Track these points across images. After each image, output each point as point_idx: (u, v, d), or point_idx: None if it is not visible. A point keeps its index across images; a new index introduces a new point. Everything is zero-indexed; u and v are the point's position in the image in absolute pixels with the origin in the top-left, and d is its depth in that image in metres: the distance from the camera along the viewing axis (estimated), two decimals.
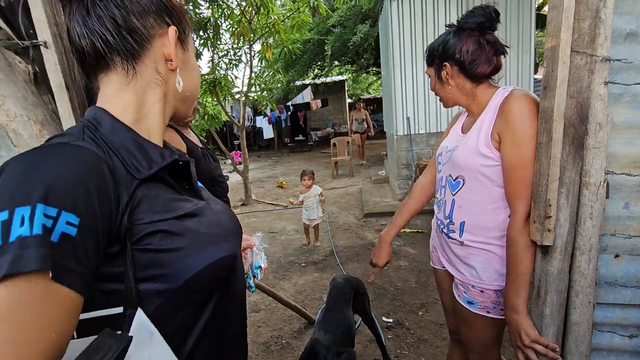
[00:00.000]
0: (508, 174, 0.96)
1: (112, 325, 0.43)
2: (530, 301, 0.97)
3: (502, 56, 1.06)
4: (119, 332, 0.40)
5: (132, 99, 0.54)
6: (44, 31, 0.72)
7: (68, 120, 0.76)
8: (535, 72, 4.72)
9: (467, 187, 1.06)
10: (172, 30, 0.55)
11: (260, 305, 2.68)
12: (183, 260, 0.49)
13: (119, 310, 0.45)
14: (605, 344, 0.96)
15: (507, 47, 1.07)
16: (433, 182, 1.33)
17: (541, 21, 6.63)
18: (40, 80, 0.80)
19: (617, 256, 0.94)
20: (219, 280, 0.55)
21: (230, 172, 8.36)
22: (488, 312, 1.07)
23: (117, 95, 0.53)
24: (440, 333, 2.15)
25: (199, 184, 0.66)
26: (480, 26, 1.02)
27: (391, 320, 2.35)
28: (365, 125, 8.63)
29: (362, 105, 8.91)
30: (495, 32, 1.09)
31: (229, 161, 7.58)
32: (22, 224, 0.36)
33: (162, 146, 0.58)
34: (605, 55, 0.85)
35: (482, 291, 1.07)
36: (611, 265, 0.94)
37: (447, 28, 1.10)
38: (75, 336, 0.41)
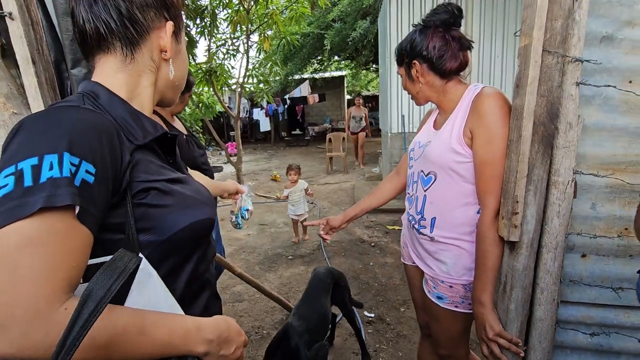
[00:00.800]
0: (480, 170, 0.97)
1: None
2: (496, 296, 0.99)
3: (468, 51, 1.07)
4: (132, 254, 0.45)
5: (127, 80, 0.59)
6: (9, 1, 0.71)
7: (34, 94, 0.75)
8: None
9: (439, 183, 1.06)
10: (170, 25, 0.61)
11: (243, 296, 2.69)
12: (170, 216, 0.55)
13: None
14: (569, 342, 0.98)
15: (472, 42, 1.08)
16: (396, 188, 1.39)
17: None
18: (7, 54, 0.78)
19: (584, 256, 0.95)
20: (200, 237, 0.62)
21: (225, 163, 8.33)
22: (456, 307, 1.09)
23: (113, 75, 0.58)
24: (419, 330, 2.17)
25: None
26: (444, 23, 1.03)
27: (373, 315, 2.37)
28: (363, 124, 7.76)
29: (361, 101, 7.94)
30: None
31: (224, 152, 7.55)
32: (51, 168, 0.42)
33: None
34: (576, 56, 0.85)
35: (451, 286, 1.08)
36: (577, 265, 0.95)
37: (414, 27, 1.11)
38: (82, 281, 0.46)
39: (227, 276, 2.73)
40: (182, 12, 0.66)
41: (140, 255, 0.50)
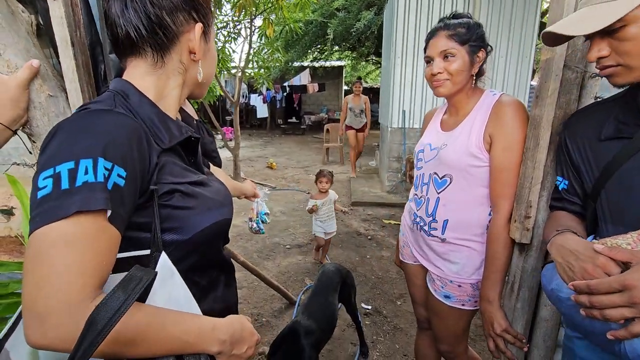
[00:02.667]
0: (496, 175, 1.00)
1: (141, 264, 0.52)
2: (503, 295, 1.04)
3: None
4: (147, 268, 0.49)
5: (156, 83, 0.60)
6: None
7: (71, 77, 0.75)
8: (532, 78, 4.78)
9: (454, 186, 1.08)
10: (199, 27, 0.61)
11: (242, 283, 2.72)
12: (194, 217, 0.59)
13: (147, 252, 0.54)
14: None
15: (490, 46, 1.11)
16: None
17: (543, 29, 6.66)
18: (42, 33, 0.78)
19: None
20: (219, 236, 0.66)
21: (221, 147, 8.24)
22: (463, 305, 1.13)
23: (142, 77, 0.60)
24: (415, 323, 2.24)
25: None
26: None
27: (370, 307, 2.43)
28: (364, 120, 6.09)
29: (361, 88, 6.12)
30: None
31: (220, 136, 7.49)
32: (86, 172, 0.44)
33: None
34: (595, 72, 0.89)
35: (460, 286, 1.12)
36: None
37: (462, 19, 1.05)
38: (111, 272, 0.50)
39: None
40: (211, 6, 0.66)
41: (164, 254, 0.53)
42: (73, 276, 0.43)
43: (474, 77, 1.09)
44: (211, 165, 1.15)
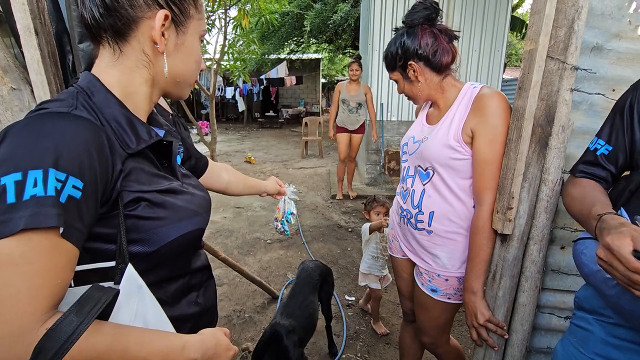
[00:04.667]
0: (481, 168, 1.01)
1: (106, 276, 0.50)
2: (485, 285, 1.07)
3: (455, 41, 1.10)
4: (107, 286, 0.46)
5: (119, 77, 0.55)
6: None
7: (36, 68, 0.69)
8: (503, 71, 4.94)
9: (437, 178, 1.09)
10: (161, 14, 0.54)
11: (223, 280, 2.68)
12: (161, 229, 0.54)
13: (112, 264, 0.51)
14: (545, 324, 1.08)
15: (458, 31, 1.10)
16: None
17: (513, 23, 6.88)
18: (2, 20, 0.71)
19: (562, 247, 1.05)
20: (191, 246, 0.63)
21: (197, 142, 8.04)
22: (449, 299, 1.15)
23: (106, 70, 0.55)
24: (396, 312, 2.29)
25: (179, 159, 0.68)
26: (427, 18, 1.05)
27: (353, 298, 2.46)
28: (363, 117, 4.19)
29: (360, 71, 3.96)
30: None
31: (195, 131, 7.28)
32: (35, 185, 0.40)
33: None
34: (574, 64, 0.91)
35: (446, 279, 1.13)
36: (557, 255, 1.05)
37: (395, 31, 1.12)
38: (73, 285, 0.47)
39: None
40: None
41: (130, 266, 0.50)
42: (22, 301, 0.39)
43: (442, 74, 1.09)
44: (218, 164, 1.07)
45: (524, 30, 8.00)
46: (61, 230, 0.42)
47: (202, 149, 7.20)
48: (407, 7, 4.39)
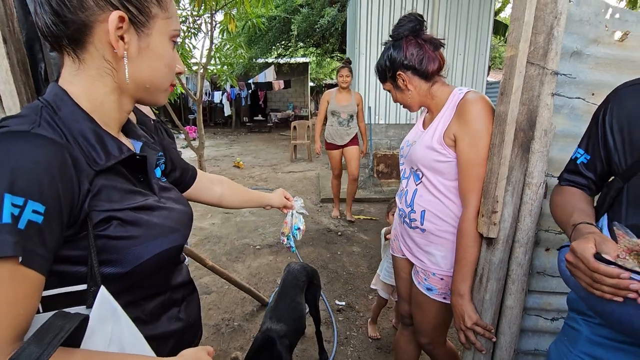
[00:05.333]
0: (465, 171, 1.03)
1: (77, 300, 0.47)
2: (472, 288, 1.07)
3: (442, 49, 1.14)
4: (73, 312, 0.43)
5: (83, 87, 0.52)
6: None
7: (5, 78, 0.66)
8: (487, 74, 5.03)
9: (426, 179, 1.13)
10: (114, 15, 0.49)
11: (211, 288, 2.63)
12: (134, 249, 0.52)
13: (83, 287, 0.48)
14: (531, 326, 1.09)
15: (443, 39, 1.15)
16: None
17: (496, 27, 7.03)
18: None
19: (547, 250, 1.06)
20: (168, 264, 0.60)
21: (184, 147, 7.95)
22: (444, 298, 1.16)
23: (70, 80, 0.53)
24: (387, 316, 2.28)
25: (159, 171, 0.66)
26: (412, 30, 1.10)
27: (343, 303, 2.44)
28: (354, 130, 3.64)
29: (350, 77, 3.50)
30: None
31: (183, 136, 7.19)
32: None
33: (120, 134, 0.59)
34: (554, 69, 0.93)
35: (442, 278, 1.14)
36: (542, 257, 1.06)
37: (384, 44, 1.18)
38: (41, 311, 0.45)
39: (193, 267, 2.66)
40: None
41: (103, 288, 0.47)
42: None
43: (430, 81, 1.12)
44: (212, 176, 1.02)
45: (506, 34, 8.18)
46: (20, 258, 0.40)
47: (189, 154, 7.11)
48: (393, 11, 4.44)
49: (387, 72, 1.16)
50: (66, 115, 0.50)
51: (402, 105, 1.23)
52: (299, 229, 1.24)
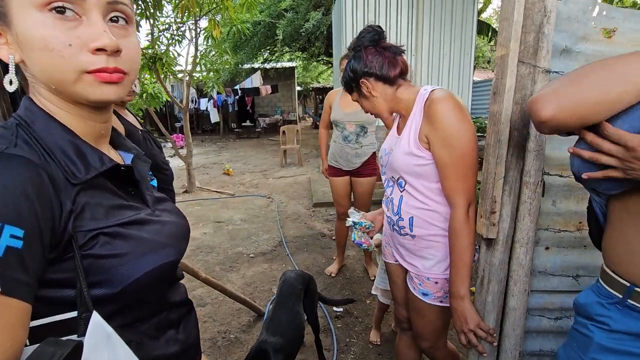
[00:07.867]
0: (443, 172, 1.02)
1: (69, 329, 0.45)
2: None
3: (403, 55, 1.16)
4: (64, 339, 0.41)
5: (44, 96, 0.49)
6: None
7: None
8: (473, 73, 5.09)
9: (409, 186, 1.11)
10: None
11: (206, 299, 2.57)
12: (124, 267, 0.49)
13: (73, 314, 0.46)
14: (535, 327, 1.08)
15: (402, 46, 1.17)
16: None
17: (480, 27, 7.15)
18: None
19: (547, 248, 1.05)
20: (162, 281, 0.56)
21: (171, 156, 7.83)
22: (441, 302, 1.14)
23: (34, 91, 0.50)
24: (386, 320, 2.26)
25: (155, 182, 0.62)
26: (372, 41, 1.12)
27: (341, 309, 2.41)
28: (369, 149, 2.48)
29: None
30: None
31: (170, 144, 7.08)
32: None
33: (109, 147, 0.56)
34: (546, 67, 0.92)
35: (436, 282, 1.13)
36: (542, 257, 1.05)
37: (344, 59, 1.20)
38: (28, 343, 0.42)
39: (186, 280, 2.58)
40: None
41: (95, 314, 0.44)
42: None
43: (394, 85, 1.13)
44: None
45: (490, 34, 8.33)
46: (0, 288, 0.37)
47: (177, 163, 7.01)
48: (378, 13, 4.46)
49: (352, 82, 1.17)
50: (40, 129, 0.46)
51: (373, 115, 1.23)
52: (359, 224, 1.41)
